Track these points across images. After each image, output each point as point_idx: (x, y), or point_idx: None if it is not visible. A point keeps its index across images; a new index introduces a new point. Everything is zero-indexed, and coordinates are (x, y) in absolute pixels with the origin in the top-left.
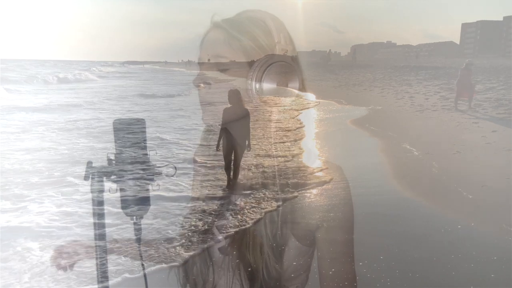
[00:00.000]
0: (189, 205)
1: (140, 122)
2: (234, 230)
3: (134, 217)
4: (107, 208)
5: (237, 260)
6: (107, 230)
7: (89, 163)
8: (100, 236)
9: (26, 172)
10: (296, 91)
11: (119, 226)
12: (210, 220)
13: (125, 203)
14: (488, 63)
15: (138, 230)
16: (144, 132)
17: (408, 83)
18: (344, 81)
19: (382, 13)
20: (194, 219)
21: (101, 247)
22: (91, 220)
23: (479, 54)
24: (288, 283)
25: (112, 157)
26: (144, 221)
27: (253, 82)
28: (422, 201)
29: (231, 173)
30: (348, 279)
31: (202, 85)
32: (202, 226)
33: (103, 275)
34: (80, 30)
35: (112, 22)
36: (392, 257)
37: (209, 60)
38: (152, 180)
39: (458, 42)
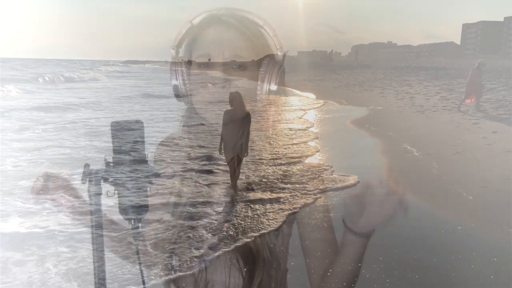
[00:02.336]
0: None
1: (139, 123)
2: (258, 234)
3: (132, 221)
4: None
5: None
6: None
7: (86, 166)
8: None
9: (29, 172)
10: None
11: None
12: (225, 224)
13: (123, 207)
14: (488, 64)
15: (136, 234)
16: (143, 133)
17: (409, 83)
18: (344, 81)
19: (382, 13)
20: (215, 223)
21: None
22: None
23: (479, 54)
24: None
25: (110, 159)
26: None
27: (266, 84)
28: (422, 202)
29: (233, 175)
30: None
31: (210, 85)
32: (227, 229)
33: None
34: (81, 30)
35: (113, 22)
36: (391, 258)
37: (209, 59)
38: (151, 183)
39: (458, 42)
